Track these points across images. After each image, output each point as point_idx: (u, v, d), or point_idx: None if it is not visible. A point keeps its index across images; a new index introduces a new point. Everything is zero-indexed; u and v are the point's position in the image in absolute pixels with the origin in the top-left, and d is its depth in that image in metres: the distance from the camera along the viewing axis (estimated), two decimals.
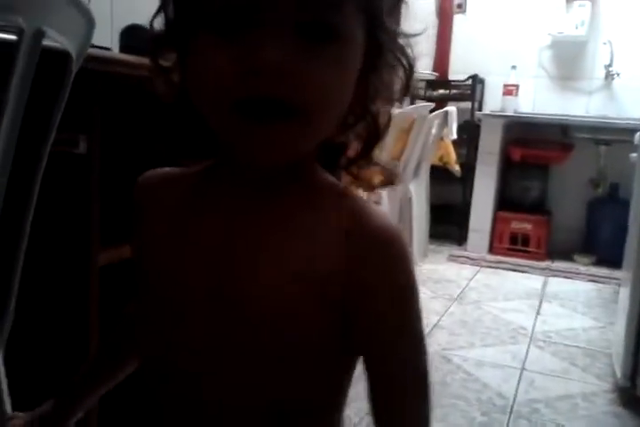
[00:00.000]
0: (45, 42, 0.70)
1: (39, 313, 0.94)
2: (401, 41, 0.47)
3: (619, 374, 1.71)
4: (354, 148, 0.48)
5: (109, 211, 0.95)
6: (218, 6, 0.39)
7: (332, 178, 0.48)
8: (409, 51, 0.47)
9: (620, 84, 3.41)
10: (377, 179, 0.51)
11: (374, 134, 0.47)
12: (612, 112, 3.37)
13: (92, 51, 0.87)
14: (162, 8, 0.44)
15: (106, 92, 0.94)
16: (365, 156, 0.48)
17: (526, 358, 1.95)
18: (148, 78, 0.47)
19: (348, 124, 0.46)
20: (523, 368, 1.86)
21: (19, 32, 0.66)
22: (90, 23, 0.80)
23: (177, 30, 0.44)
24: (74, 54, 0.77)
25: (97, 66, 0.88)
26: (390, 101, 0.48)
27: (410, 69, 0.47)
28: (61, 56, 0.77)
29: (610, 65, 3.43)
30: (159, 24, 0.46)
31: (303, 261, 0.43)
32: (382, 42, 0.44)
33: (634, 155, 1.79)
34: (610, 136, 3.19)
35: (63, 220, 0.92)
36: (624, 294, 1.85)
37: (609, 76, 3.47)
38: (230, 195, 0.47)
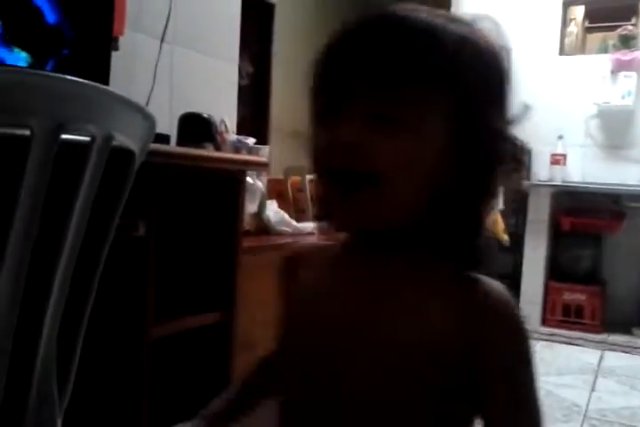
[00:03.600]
0: (114, 143, 0.82)
1: (96, 383, 1.01)
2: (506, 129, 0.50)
3: None
4: None
5: (163, 287, 1.04)
6: (320, 102, 0.51)
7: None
8: (517, 146, 0.51)
9: None
10: None
11: (478, 212, 0.50)
12: None
13: (152, 146, 0.98)
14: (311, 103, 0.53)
15: (163, 181, 1.04)
16: (476, 236, 0.50)
17: None
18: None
19: (455, 197, 0.49)
20: None
21: (91, 137, 0.77)
22: (151, 125, 0.91)
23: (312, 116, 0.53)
24: (137, 152, 0.88)
25: (156, 159, 0.99)
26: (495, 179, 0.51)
27: (518, 163, 0.51)
28: (126, 154, 0.88)
29: None
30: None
31: (426, 331, 0.47)
32: (475, 134, 0.48)
33: None
34: None
35: (121, 295, 1.01)
36: None
37: None
38: (360, 265, 0.52)
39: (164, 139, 1.55)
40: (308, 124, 0.52)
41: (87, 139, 0.77)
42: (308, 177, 2.55)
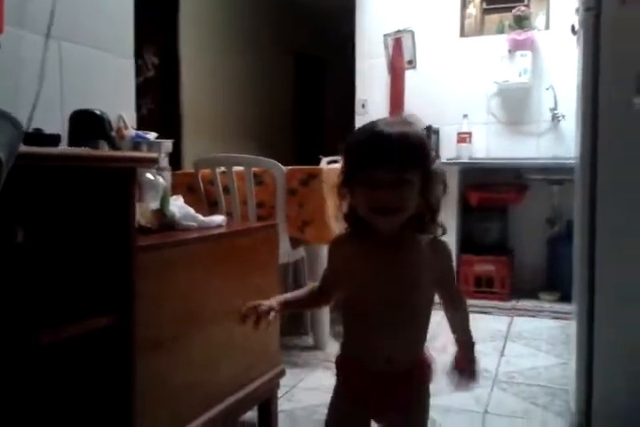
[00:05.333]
0: None
1: None
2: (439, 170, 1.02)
3: (574, 410, 1.76)
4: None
5: (53, 293, 1.02)
6: (366, 178, 0.96)
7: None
8: (445, 177, 1.02)
9: (567, 125, 3.58)
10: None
11: (435, 211, 1.02)
12: (562, 152, 3.52)
13: (25, 149, 0.96)
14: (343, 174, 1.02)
15: (42, 185, 1.02)
16: (433, 221, 1.03)
17: (489, 400, 1.99)
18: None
19: (424, 208, 1.01)
20: (485, 412, 1.91)
21: None
22: (18, 129, 0.89)
23: (347, 183, 1.01)
24: (3, 158, 0.86)
25: (30, 162, 0.96)
26: (439, 198, 1.03)
27: (444, 185, 1.03)
28: None
29: (555, 108, 3.63)
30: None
31: (427, 263, 1.03)
32: (431, 179, 0.99)
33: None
34: (561, 176, 3.32)
35: (7, 304, 0.99)
36: (574, 329, 1.92)
37: (555, 119, 3.66)
38: (379, 244, 1.02)
39: (53, 139, 1.50)
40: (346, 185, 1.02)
41: None
42: (218, 169, 2.54)
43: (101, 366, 1.15)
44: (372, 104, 4.07)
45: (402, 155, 0.95)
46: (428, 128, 3.70)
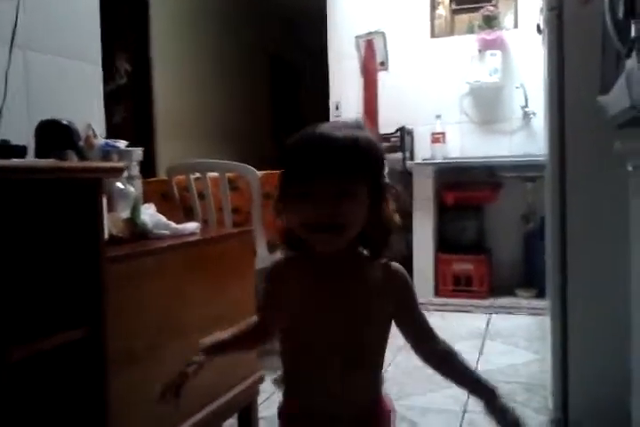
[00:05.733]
0: None
1: None
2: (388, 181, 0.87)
3: (551, 405, 1.78)
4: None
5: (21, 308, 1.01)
6: (301, 190, 0.82)
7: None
8: (397, 189, 0.89)
9: (538, 122, 3.60)
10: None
11: (387, 231, 0.87)
12: (534, 149, 3.55)
13: None
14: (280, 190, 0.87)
15: (6, 197, 1.01)
16: (386, 243, 0.88)
17: (468, 400, 2.01)
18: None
19: (374, 228, 0.86)
20: (464, 411, 1.92)
21: None
22: None
23: (283, 197, 0.86)
24: None
25: None
26: (392, 214, 0.88)
27: (398, 197, 0.89)
28: None
29: (526, 106, 3.68)
30: None
31: (379, 294, 0.88)
32: (381, 191, 0.86)
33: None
34: (534, 173, 3.34)
35: None
36: (548, 324, 1.94)
37: (526, 117, 3.70)
38: (321, 270, 0.88)
39: (20, 150, 1.48)
40: (280, 199, 0.87)
41: None
42: (193, 176, 2.52)
43: (74, 380, 1.13)
44: (345, 105, 4.08)
45: (344, 162, 0.80)
46: (402, 129, 3.72)
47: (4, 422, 0.98)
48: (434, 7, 4.01)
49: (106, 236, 1.32)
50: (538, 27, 2.19)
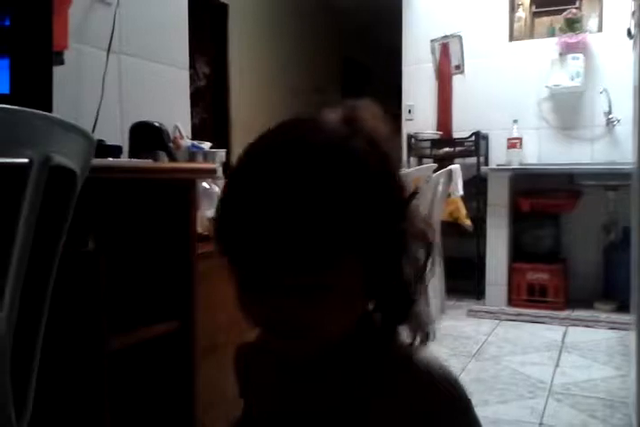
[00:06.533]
0: (55, 163, 0.84)
1: (55, 399, 1.03)
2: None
3: (635, 424, 1.71)
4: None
5: (119, 300, 1.06)
6: (246, 278, 0.52)
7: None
8: (425, 225, 0.55)
9: (622, 129, 3.47)
10: None
11: (407, 300, 0.55)
12: (618, 157, 3.42)
13: (96, 161, 1.01)
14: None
15: (111, 195, 1.07)
16: (404, 317, 0.55)
17: (544, 412, 1.95)
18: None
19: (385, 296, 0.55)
20: (540, 423, 1.87)
21: (29, 160, 0.80)
22: (90, 142, 0.94)
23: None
24: (78, 171, 0.91)
25: (100, 174, 1.01)
26: (420, 267, 0.55)
27: (426, 239, 0.55)
28: (68, 173, 0.90)
29: (609, 112, 3.53)
30: None
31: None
32: (396, 240, 0.52)
33: None
34: (617, 181, 3.22)
35: (76, 310, 1.03)
36: (633, 340, 1.86)
37: (610, 123, 3.56)
38: (307, 372, 0.58)
39: (115, 150, 1.56)
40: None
41: (26, 161, 0.80)
42: None
43: (163, 371, 1.18)
44: (418, 110, 4.05)
45: (310, 229, 0.47)
46: (476, 133, 3.66)
47: (109, 408, 1.03)
48: (513, 9, 3.93)
49: None
50: (628, 31, 2.11)
